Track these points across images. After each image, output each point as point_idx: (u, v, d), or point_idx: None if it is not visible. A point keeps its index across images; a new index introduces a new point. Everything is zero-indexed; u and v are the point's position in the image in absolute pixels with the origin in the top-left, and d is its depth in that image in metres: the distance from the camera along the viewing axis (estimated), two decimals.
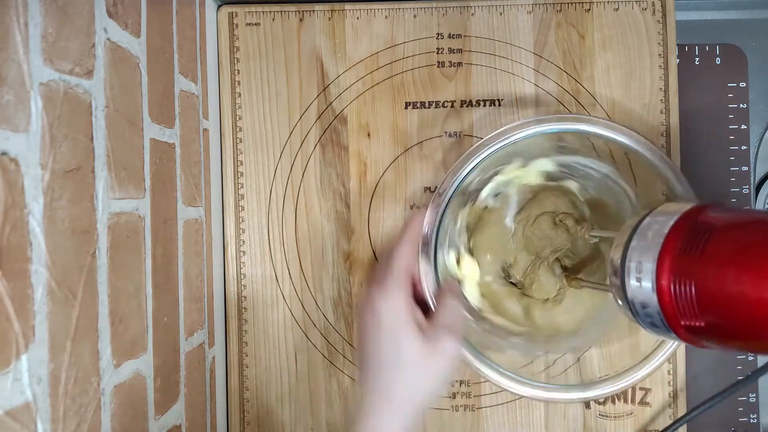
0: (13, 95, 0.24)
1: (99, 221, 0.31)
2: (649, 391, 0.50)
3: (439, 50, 0.50)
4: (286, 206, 0.50)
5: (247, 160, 0.50)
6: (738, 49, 0.53)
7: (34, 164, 0.25)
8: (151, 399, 0.37)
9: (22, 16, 0.25)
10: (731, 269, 0.29)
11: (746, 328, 0.29)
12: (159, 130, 0.38)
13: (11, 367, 0.24)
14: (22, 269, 0.25)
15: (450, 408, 0.50)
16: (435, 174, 0.50)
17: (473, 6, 0.50)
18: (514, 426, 0.50)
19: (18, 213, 0.24)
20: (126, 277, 0.33)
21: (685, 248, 0.31)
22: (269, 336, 0.50)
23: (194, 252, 0.44)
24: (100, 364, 0.30)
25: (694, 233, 0.31)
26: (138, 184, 0.35)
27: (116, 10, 0.33)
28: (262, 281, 0.50)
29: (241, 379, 0.50)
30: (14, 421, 0.24)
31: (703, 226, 0.31)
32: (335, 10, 0.50)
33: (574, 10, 0.50)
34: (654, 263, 0.32)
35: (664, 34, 0.50)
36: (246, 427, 0.50)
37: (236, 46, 0.50)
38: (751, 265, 0.28)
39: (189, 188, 0.44)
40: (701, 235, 0.30)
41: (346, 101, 0.50)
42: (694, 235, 0.31)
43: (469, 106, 0.50)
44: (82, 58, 0.29)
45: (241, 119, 0.50)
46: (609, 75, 0.50)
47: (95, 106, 0.30)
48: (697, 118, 0.52)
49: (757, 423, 0.52)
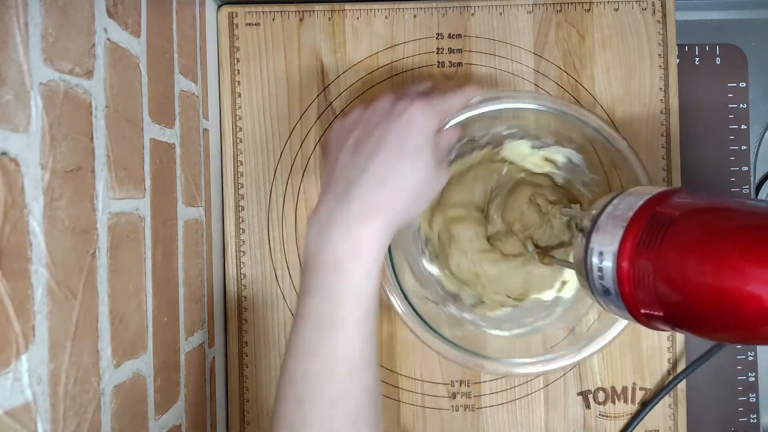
0: (13, 95, 0.24)
1: (99, 221, 0.31)
2: (649, 391, 0.50)
3: (439, 50, 0.50)
4: (286, 206, 0.50)
5: (247, 160, 0.50)
6: (738, 49, 0.53)
7: (34, 164, 0.25)
8: (151, 399, 0.37)
9: (22, 16, 0.25)
10: (690, 258, 0.28)
11: (705, 317, 0.28)
12: (159, 130, 0.38)
13: (11, 367, 0.24)
14: (22, 269, 0.25)
15: (450, 408, 0.50)
16: None
17: (473, 6, 0.50)
18: (514, 426, 0.50)
19: (18, 213, 0.24)
20: (126, 277, 0.33)
21: (646, 235, 0.30)
22: (269, 336, 0.50)
23: (194, 252, 0.44)
24: (100, 364, 0.30)
25: (656, 220, 0.30)
26: (138, 184, 0.35)
27: (116, 10, 0.33)
28: (262, 281, 0.50)
29: (241, 379, 0.50)
30: (14, 421, 0.24)
31: (665, 213, 0.31)
32: (335, 10, 0.50)
33: (574, 10, 0.50)
34: (616, 247, 0.31)
35: (664, 34, 0.50)
36: (246, 427, 0.50)
37: (236, 46, 0.50)
38: (711, 253, 0.28)
39: (189, 188, 0.44)
40: (663, 222, 0.30)
41: (346, 101, 0.50)
42: (656, 222, 0.30)
43: None
44: (82, 58, 0.29)
45: (241, 119, 0.50)
46: (609, 75, 0.50)
47: (95, 106, 0.30)
48: (697, 119, 0.52)
49: (757, 423, 0.52)
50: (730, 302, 0.26)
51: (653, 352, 0.50)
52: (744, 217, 0.29)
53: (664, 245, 0.29)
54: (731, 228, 0.28)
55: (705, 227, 0.29)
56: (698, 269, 0.28)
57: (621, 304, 0.32)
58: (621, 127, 0.50)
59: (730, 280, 0.26)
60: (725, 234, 0.28)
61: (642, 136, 0.50)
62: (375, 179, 0.35)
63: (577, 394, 0.50)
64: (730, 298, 0.26)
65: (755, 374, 0.52)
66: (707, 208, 0.30)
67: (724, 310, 0.27)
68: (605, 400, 0.50)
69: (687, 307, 0.29)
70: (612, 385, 0.50)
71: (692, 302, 0.28)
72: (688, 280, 0.28)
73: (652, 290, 0.30)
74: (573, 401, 0.50)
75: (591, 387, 0.50)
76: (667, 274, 0.29)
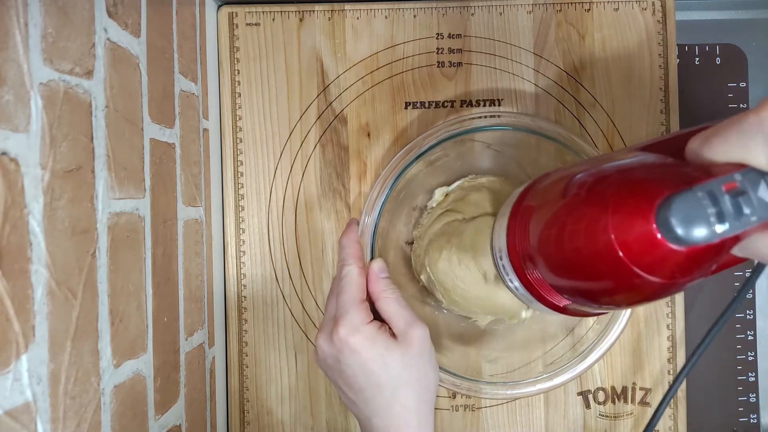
0: (13, 95, 0.24)
1: (99, 221, 0.31)
2: (649, 391, 0.50)
3: (439, 50, 0.50)
4: (286, 206, 0.50)
5: (247, 160, 0.50)
6: (738, 49, 0.53)
7: (34, 164, 0.25)
8: (151, 399, 0.37)
9: (22, 16, 0.25)
10: (538, 211, 0.32)
11: (571, 269, 0.30)
12: (159, 130, 0.38)
13: (11, 367, 0.24)
14: (22, 269, 0.25)
15: (450, 408, 0.50)
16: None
17: (473, 6, 0.50)
18: (514, 426, 0.50)
19: (18, 213, 0.24)
20: (126, 276, 0.33)
21: (519, 208, 0.34)
22: (269, 336, 0.50)
23: (194, 252, 0.44)
24: (100, 364, 0.30)
25: (526, 194, 0.34)
26: (138, 184, 0.35)
27: (116, 10, 0.33)
28: (262, 281, 0.50)
29: (241, 379, 0.50)
30: (14, 421, 0.24)
31: (532, 186, 0.34)
32: (335, 10, 0.50)
33: (574, 10, 0.50)
34: (504, 223, 0.35)
35: (664, 34, 0.50)
36: (246, 427, 0.50)
37: (236, 46, 0.50)
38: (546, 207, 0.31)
39: (189, 188, 0.44)
40: (528, 193, 0.34)
41: (346, 101, 0.50)
42: (526, 195, 0.34)
43: (469, 106, 0.50)
44: (82, 58, 0.29)
45: (241, 119, 0.50)
46: (609, 75, 0.50)
47: (95, 106, 0.30)
48: (697, 118, 0.52)
49: (757, 423, 0.52)
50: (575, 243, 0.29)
51: (653, 352, 0.50)
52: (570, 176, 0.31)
53: (524, 209, 0.33)
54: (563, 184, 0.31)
55: (545, 186, 0.33)
56: (543, 222, 0.31)
57: (514, 275, 0.35)
58: (621, 127, 0.50)
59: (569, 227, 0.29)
60: (557, 188, 0.31)
61: (642, 136, 0.50)
62: (380, 409, 0.37)
63: (577, 394, 0.50)
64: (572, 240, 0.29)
65: (755, 374, 0.52)
66: (550, 174, 0.34)
67: (582, 255, 0.29)
68: (605, 400, 0.50)
69: (551, 259, 0.31)
70: (612, 385, 0.50)
71: (552, 251, 0.31)
72: (543, 233, 0.31)
73: (528, 251, 0.33)
74: (573, 401, 0.50)
75: (591, 387, 0.50)
76: (529, 232, 0.32)
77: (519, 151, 0.47)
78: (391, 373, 0.37)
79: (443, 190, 0.49)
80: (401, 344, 0.37)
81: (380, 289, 0.39)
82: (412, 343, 0.37)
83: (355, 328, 0.37)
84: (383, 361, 0.37)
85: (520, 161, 0.48)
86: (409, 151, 0.43)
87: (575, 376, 0.43)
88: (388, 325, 0.39)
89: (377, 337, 0.37)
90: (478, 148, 0.48)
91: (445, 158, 0.47)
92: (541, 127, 0.43)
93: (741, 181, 0.25)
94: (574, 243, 0.28)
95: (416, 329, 0.38)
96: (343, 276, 0.39)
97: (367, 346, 0.37)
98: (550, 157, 0.46)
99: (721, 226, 0.24)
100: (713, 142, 0.26)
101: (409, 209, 0.50)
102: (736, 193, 0.24)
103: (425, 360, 0.38)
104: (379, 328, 0.38)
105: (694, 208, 0.24)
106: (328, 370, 0.39)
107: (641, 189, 0.26)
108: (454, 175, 0.49)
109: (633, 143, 0.43)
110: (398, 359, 0.37)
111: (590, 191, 0.28)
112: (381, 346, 0.37)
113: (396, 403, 0.37)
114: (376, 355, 0.37)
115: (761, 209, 0.24)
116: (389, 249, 0.48)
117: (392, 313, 0.39)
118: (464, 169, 0.49)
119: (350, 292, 0.39)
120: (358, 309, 0.38)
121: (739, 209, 0.24)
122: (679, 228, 0.24)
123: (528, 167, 0.48)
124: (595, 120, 0.50)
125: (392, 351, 0.37)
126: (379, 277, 0.40)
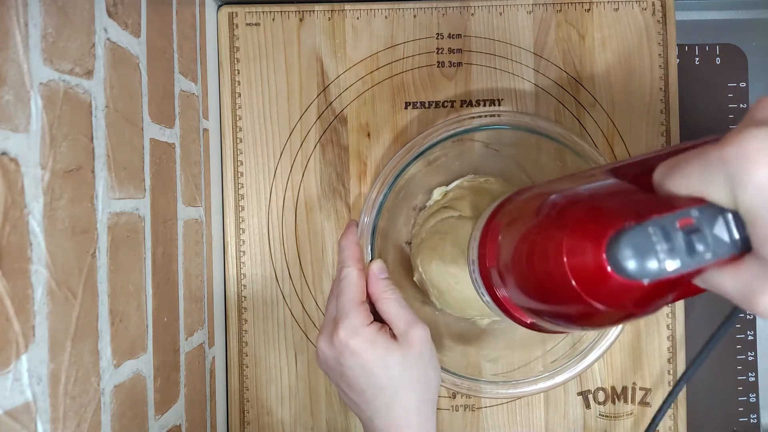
0: (13, 95, 0.24)
1: (99, 221, 0.31)
2: (649, 391, 0.50)
3: (439, 50, 0.50)
4: (286, 206, 0.50)
5: (247, 160, 0.50)
6: (738, 49, 0.53)
7: (34, 164, 0.25)
8: (151, 399, 0.37)
9: (22, 16, 0.25)
10: (507, 228, 0.31)
11: (536, 291, 0.30)
12: (159, 130, 0.38)
13: (11, 367, 0.24)
14: (22, 269, 0.25)
15: (450, 408, 0.50)
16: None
17: (473, 6, 0.50)
18: (514, 426, 0.50)
19: (18, 213, 0.24)
20: (126, 276, 0.33)
21: (489, 225, 0.33)
22: (269, 336, 0.50)
23: (194, 252, 0.44)
24: (100, 364, 0.30)
25: (498, 211, 0.34)
26: (138, 184, 0.35)
27: (116, 10, 0.33)
28: (262, 281, 0.50)
29: (241, 379, 0.50)
30: (14, 421, 0.24)
31: (504, 203, 0.34)
32: (335, 10, 0.50)
33: (574, 10, 0.50)
34: (477, 237, 0.34)
35: (664, 34, 0.50)
36: (246, 427, 0.50)
37: (236, 46, 0.50)
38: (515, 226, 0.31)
39: (189, 188, 0.44)
40: (501, 211, 0.33)
41: (346, 101, 0.50)
42: (498, 212, 0.34)
43: (469, 106, 0.50)
44: (82, 58, 0.29)
45: (241, 119, 0.50)
46: (609, 75, 0.50)
47: (95, 106, 0.30)
48: (697, 118, 0.52)
49: (757, 423, 0.52)
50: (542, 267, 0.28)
51: (653, 352, 0.50)
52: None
53: (494, 227, 0.33)
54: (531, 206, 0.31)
55: (515, 206, 0.33)
56: (512, 242, 0.31)
57: (484, 290, 0.34)
58: (621, 127, 0.50)
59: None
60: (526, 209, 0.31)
61: (642, 136, 0.50)
62: (381, 410, 0.37)
63: (577, 394, 0.50)
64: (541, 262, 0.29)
65: (755, 374, 0.52)
66: (520, 191, 0.34)
67: (548, 279, 0.28)
68: (605, 400, 0.50)
69: (514, 279, 0.31)
70: (612, 385, 0.50)
71: (519, 271, 0.30)
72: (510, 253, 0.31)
73: (496, 268, 0.32)
74: (573, 401, 0.50)
75: (591, 387, 0.50)
76: (499, 250, 0.32)
77: (519, 151, 0.47)
78: (392, 374, 0.37)
79: (442, 190, 0.49)
80: (401, 345, 0.37)
81: (380, 290, 0.40)
82: (413, 343, 0.38)
83: (354, 331, 0.37)
84: (383, 363, 0.37)
85: (519, 161, 0.48)
86: (408, 150, 0.42)
87: (575, 374, 0.43)
88: (388, 326, 0.39)
89: (377, 339, 0.37)
90: (478, 148, 0.48)
91: (444, 158, 0.47)
92: (541, 127, 0.43)
93: (698, 218, 0.24)
94: (533, 266, 0.28)
95: (417, 329, 0.38)
96: (342, 278, 0.40)
97: (368, 348, 0.37)
98: (550, 157, 0.45)
99: (672, 263, 0.23)
100: (675, 175, 0.25)
101: (408, 209, 0.50)
102: (690, 230, 0.24)
103: (426, 360, 0.38)
104: (379, 330, 0.38)
105: (645, 243, 0.23)
106: (329, 372, 0.39)
107: (597, 218, 0.25)
108: (454, 174, 0.49)
109: (632, 143, 0.43)
110: (398, 360, 0.37)
111: (549, 215, 0.28)
112: (381, 348, 0.37)
113: (397, 404, 0.37)
114: (377, 356, 0.37)
115: (716, 247, 0.24)
116: (389, 249, 0.48)
117: (392, 314, 0.39)
118: (463, 169, 0.49)
119: (350, 294, 0.39)
120: (358, 311, 0.38)
121: (692, 247, 0.23)
122: (628, 262, 0.24)
123: (528, 167, 0.48)
124: (595, 120, 0.50)
125: (392, 352, 0.37)
126: (379, 278, 0.40)
